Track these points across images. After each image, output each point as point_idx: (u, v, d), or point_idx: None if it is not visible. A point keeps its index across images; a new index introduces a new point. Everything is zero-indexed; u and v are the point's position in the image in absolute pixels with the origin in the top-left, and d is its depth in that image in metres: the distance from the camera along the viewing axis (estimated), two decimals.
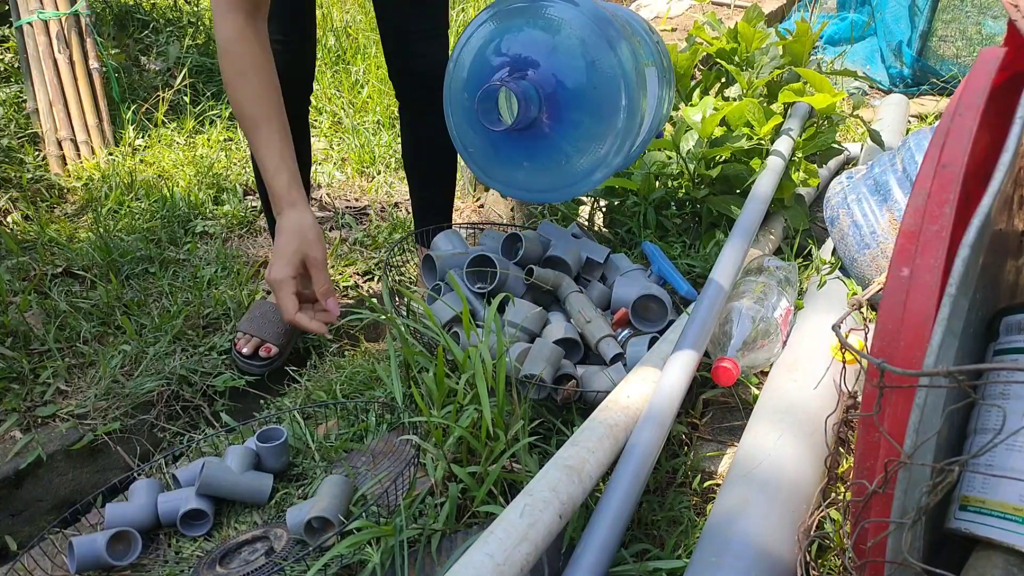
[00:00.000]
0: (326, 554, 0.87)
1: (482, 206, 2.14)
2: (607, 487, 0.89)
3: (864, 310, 1.26)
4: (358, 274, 1.86)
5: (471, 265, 1.27)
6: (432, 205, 1.63)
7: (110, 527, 1.02)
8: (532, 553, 0.76)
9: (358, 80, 2.75)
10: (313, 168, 2.28)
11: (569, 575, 0.81)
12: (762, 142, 1.54)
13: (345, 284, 1.81)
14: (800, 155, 1.58)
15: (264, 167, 1.02)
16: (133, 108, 2.33)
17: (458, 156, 1.67)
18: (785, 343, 1.20)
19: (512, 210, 1.98)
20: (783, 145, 1.55)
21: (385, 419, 1.18)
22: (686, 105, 1.63)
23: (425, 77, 1.49)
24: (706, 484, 1.06)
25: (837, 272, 1.41)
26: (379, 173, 2.30)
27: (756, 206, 1.37)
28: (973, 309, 0.69)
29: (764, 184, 1.43)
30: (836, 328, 0.76)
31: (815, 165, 1.58)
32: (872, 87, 2.82)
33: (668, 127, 1.76)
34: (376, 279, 1.86)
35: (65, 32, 2.22)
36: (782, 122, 1.60)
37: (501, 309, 1.22)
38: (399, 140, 2.44)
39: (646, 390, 1.02)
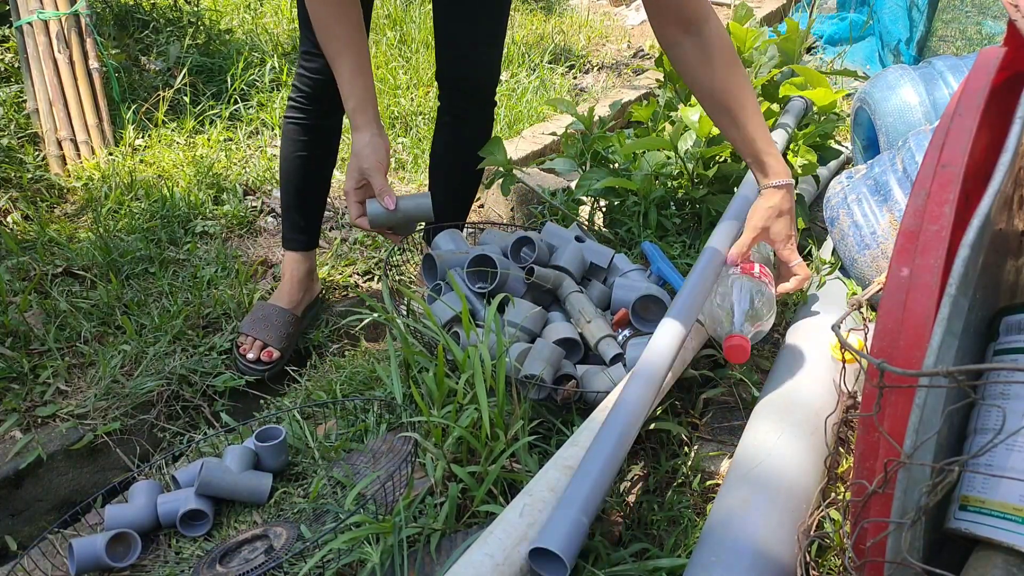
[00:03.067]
0: (323, 548, 0.87)
1: (482, 206, 2.14)
2: (591, 445, 0.86)
3: (864, 310, 1.26)
4: (358, 274, 1.86)
5: (471, 265, 1.27)
6: (450, 208, 1.63)
7: (110, 529, 1.02)
8: None
9: None
10: None
11: (547, 529, 0.75)
12: None
13: (345, 284, 1.81)
14: (800, 141, 1.57)
15: (341, 91, 1.17)
16: (133, 108, 2.33)
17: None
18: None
19: (512, 210, 1.98)
20: (778, 139, 1.54)
21: (385, 419, 1.18)
22: (684, 105, 1.63)
23: (480, 84, 1.50)
24: (706, 484, 1.06)
25: (837, 272, 1.41)
26: None
27: (747, 194, 1.37)
28: (973, 309, 0.69)
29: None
30: (836, 328, 0.76)
31: (814, 153, 1.58)
32: None
33: (668, 127, 1.76)
34: (376, 279, 1.86)
35: (65, 32, 2.22)
36: (774, 121, 1.59)
37: (501, 309, 1.22)
38: (399, 140, 2.45)
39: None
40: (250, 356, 1.51)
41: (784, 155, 1.58)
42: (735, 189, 1.56)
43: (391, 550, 0.87)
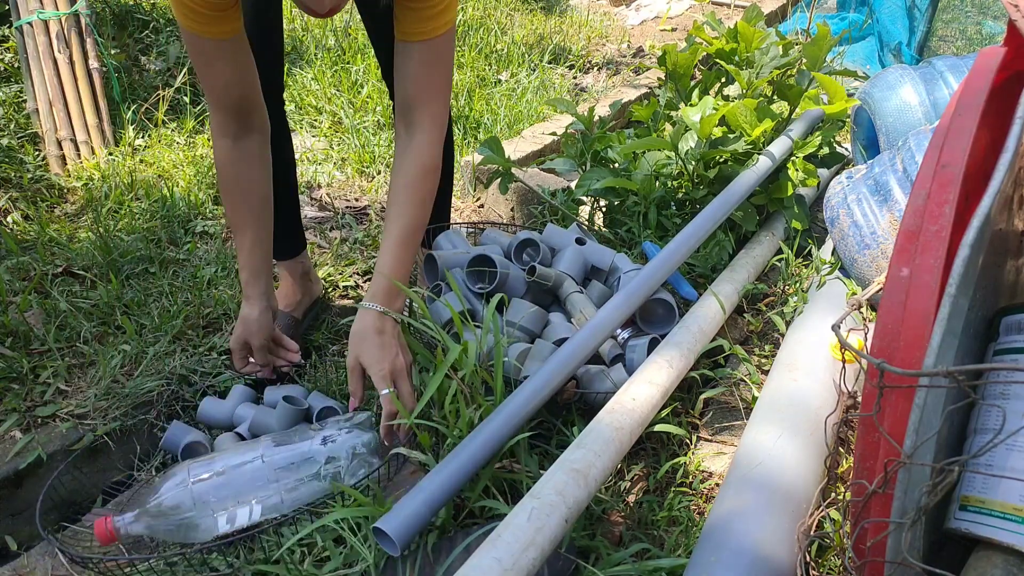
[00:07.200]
0: (323, 518, 0.90)
1: (482, 206, 2.14)
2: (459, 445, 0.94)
3: (864, 310, 1.26)
4: (358, 274, 1.86)
5: (471, 265, 1.27)
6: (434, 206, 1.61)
7: (202, 419, 1.25)
8: (538, 558, 0.76)
9: (358, 80, 2.74)
10: (313, 168, 2.28)
11: (390, 515, 0.84)
12: (756, 144, 1.55)
13: (345, 284, 1.81)
14: (799, 155, 1.58)
15: (239, 260, 1.27)
16: (133, 108, 2.33)
17: (454, 158, 1.65)
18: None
19: (512, 210, 1.98)
20: (778, 147, 1.54)
21: None
22: (686, 105, 1.63)
23: None
24: (706, 484, 1.06)
25: (837, 272, 1.41)
26: (379, 173, 2.30)
27: (727, 198, 1.38)
28: (973, 309, 0.69)
29: (744, 180, 1.44)
30: (836, 328, 0.76)
31: (813, 165, 1.58)
32: None
33: (668, 127, 1.76)
34: None
35: (65, 32, 2.22)
36: (774, 124, 1.59)
37: (501, 309, 1.22)
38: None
39: (652, 392, 1.02)
40: (247, 370, 1.51)
41: (784, 165, 1.58)
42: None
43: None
